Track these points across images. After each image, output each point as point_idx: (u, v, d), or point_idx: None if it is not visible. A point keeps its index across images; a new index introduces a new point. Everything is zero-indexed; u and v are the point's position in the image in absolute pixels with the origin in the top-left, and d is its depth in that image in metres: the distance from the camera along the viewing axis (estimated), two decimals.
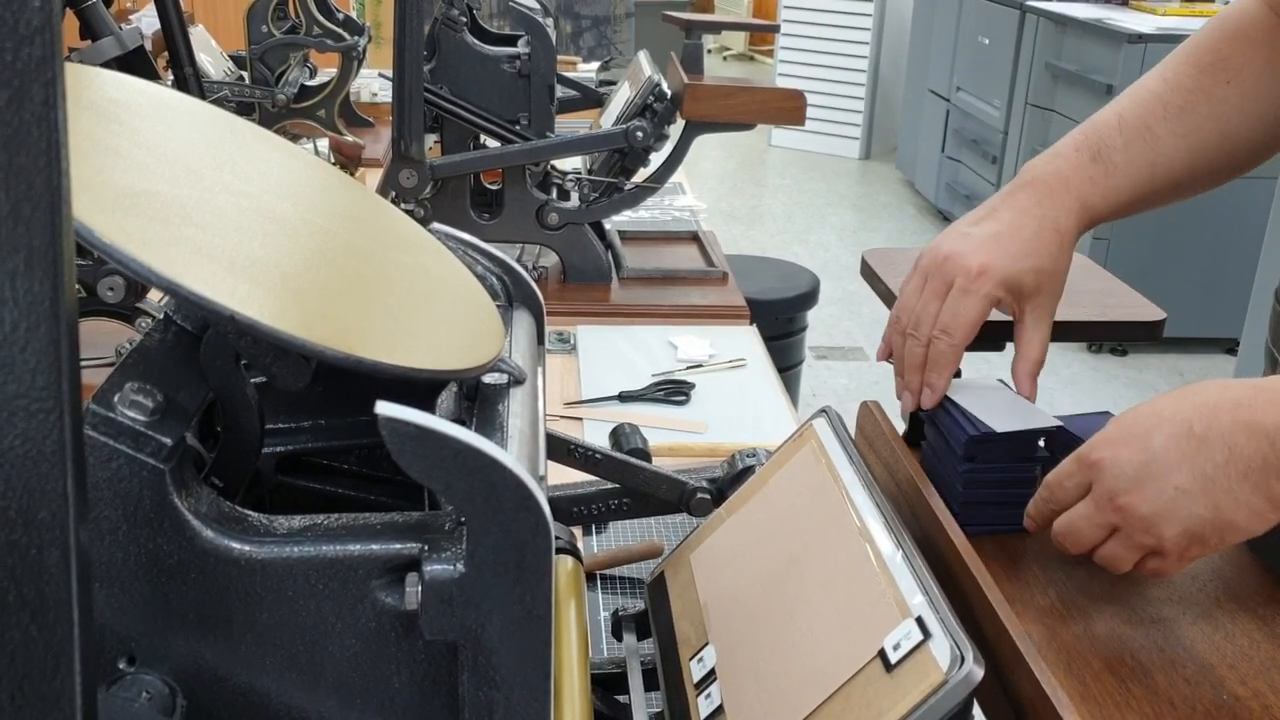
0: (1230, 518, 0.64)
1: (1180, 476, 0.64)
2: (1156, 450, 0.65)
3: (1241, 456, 0.63)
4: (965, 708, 0.53)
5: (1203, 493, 0.64)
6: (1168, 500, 0.65)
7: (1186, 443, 0.64)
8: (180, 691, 0.50)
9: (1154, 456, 0.65)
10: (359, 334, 0.50)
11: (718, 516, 0.77)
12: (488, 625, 0.49)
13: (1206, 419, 0.65)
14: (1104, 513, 0.67)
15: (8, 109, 0.31)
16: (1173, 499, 0.64)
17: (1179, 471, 0.64)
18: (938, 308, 0.81)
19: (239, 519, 0.50)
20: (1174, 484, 0.64)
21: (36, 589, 0.35)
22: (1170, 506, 0.65)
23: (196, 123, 0.63)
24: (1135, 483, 0.66)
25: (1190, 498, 0.64)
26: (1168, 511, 0.65)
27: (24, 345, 0.33)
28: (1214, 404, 0.65)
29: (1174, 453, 0.65)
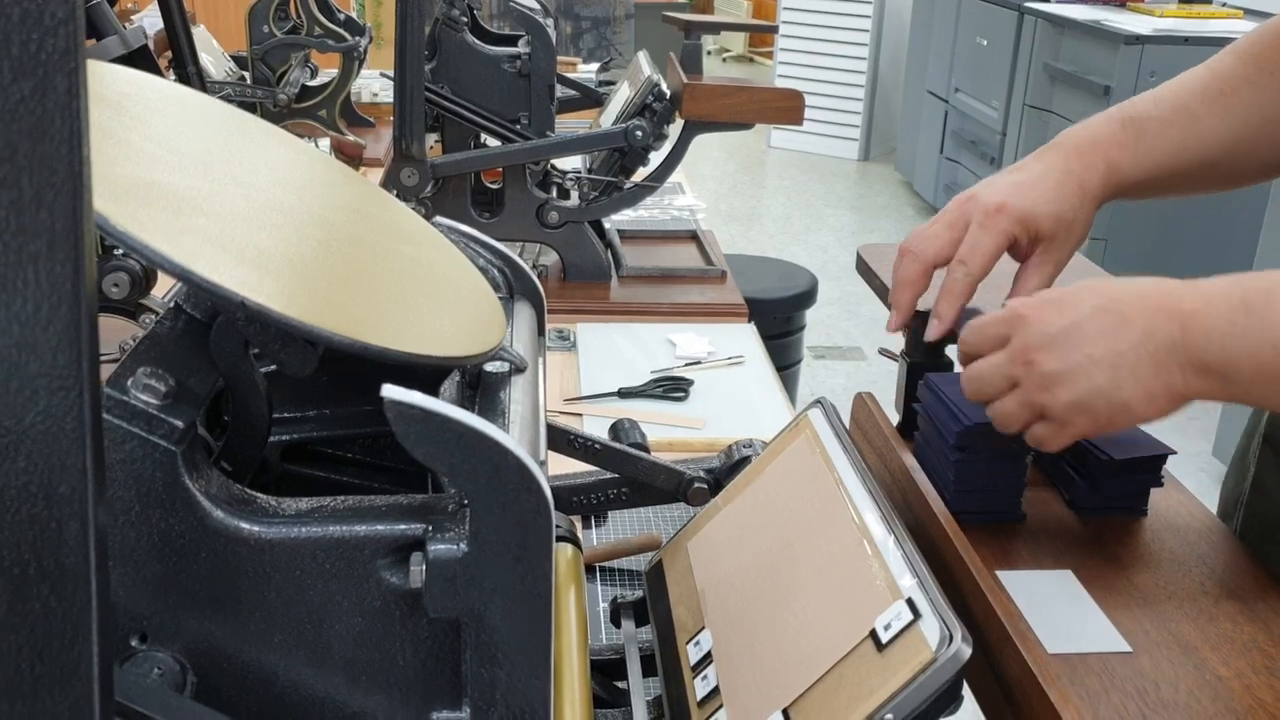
0: (1126, 398, 0.66)
1: (1095, 347, 0.67)
2: (1082, 318, 0.68)
3: (1153, 340, 0.66)
4: (954, 686, 0.54)
5: (1110, 367, 0.66)
6: (1075, 365, 0.67)
7: (1110, 318, 0.67)
8: (191, 668, 0.52)
9: (1078, 323, 0.68)
10: (365, 321, 0.51)
11: (714, 506, 0.78)
12: (490, 604, 0.50)
13: (1135, 301, 0.68)
14: (1013, 364, 0.70)
15: (31, 98, 0.32)
16: (1080, 365, 0.67)
17: (1095, 342, 0.67)
18: (949, 236, 0.82)
19: (248, 500, 0.51)
20: (1086, 352, 0.67)
21: (56, 561, 0.37)
22: (1075, 371, 0.67)
23: (205, 117, 0.64)
24: (1051, 341, 0.68)
25: (1097, 368, 0.67)
26: (1070, 375, 0.67)
27: (46, 325, 0.34)
28: (1147, 292, 0.68)
29: (1096, 324, 0.67)
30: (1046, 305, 0.70)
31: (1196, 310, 0.66)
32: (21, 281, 0.34)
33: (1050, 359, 0.68)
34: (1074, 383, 0.67)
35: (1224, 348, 0.65)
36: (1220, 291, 0.67)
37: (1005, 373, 0.70)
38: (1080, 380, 0.67)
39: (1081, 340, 0.67)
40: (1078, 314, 0.68)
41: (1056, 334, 0.68)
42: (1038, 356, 0.68)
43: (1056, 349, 0.68)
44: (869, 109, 6.56)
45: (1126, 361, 0.66)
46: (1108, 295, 0.69)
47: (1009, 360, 0.70)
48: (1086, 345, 0.67)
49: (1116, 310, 0.67)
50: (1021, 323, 0.70)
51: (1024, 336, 0.69)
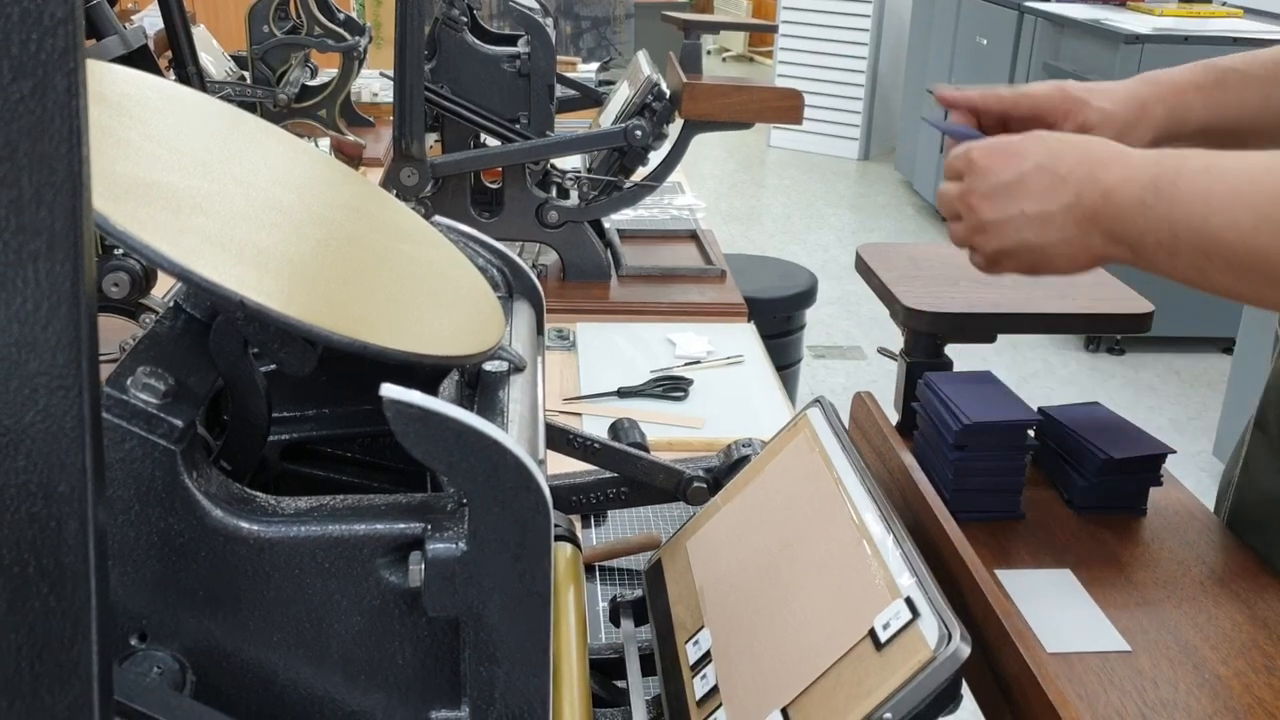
0: (1051, 253, 0.75)
1: (1030, 203, 0.74)
2: (1024, 174, 0.75)
3: (1080, 205, 0.73)
4: (953, 685, 0.55)
5: (1040, 223, 0.74)
6: (1008, 218, 0.75)
7: (1049, 178, 0.74)
8: (190, 667, 0.52)
9: (1019, 179, 0.75)
10: (364, 320, 0.51)
11: (714, 505, 0.79)
12: (489, 602, 0.50)
13: (1073, 165, 0.74)
14: (960, 201, 0.79)
15: (31, 98, 0.32)
16: (1013, 219, 0.75)
17: (1031, 199, 0.74)
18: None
19: (247, 499, 0.51)
20: (1021, 207, 0.75)
21: (55, 560, 0.37)
22: (1007, 223, 0.75)
23: (204, 117, 0.64)
24: (993, 191, 0.76)
25: (1028, 224, 0.75)
26: (1002, 227, 0.76)
27: (45, 324, 0.34)
28: (1086, 154, 0.74)
29: (1036, 183, 0.74)
30: (996, 153, 0.77)
31: (1116, 186, 0.72)
32: (21, 280, 0.34)
33: (988, 208, 0.76)
34: (1004, 234, 0.75)
35: (1133, 223, 0.71)
36: (1140, 168, 0.72)
37: (956, 205, 0.79)
38: (1010, 232, 0.75)
39: (1020, 195, 0.74)
40: (1021, 168, 0.75)
41: (998, 186, 0.75)
42: (978, 204, 0.76)
43: (995, 200, 0.75)
44: (869, 108, 6.55)
45: (1055, 221, 0.73)
46: (1051, 152, 0.75)
47: (958, 196, 0.79)
48: (1023, 200, 0.74)
49: (1055, 170, 0.74)
50: (971, 167, 0.78)
51: (970, 181, 0.77)
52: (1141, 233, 0.71)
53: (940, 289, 0.88)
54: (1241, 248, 0.67)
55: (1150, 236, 0.70)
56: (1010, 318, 0.85)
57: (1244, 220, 0.66)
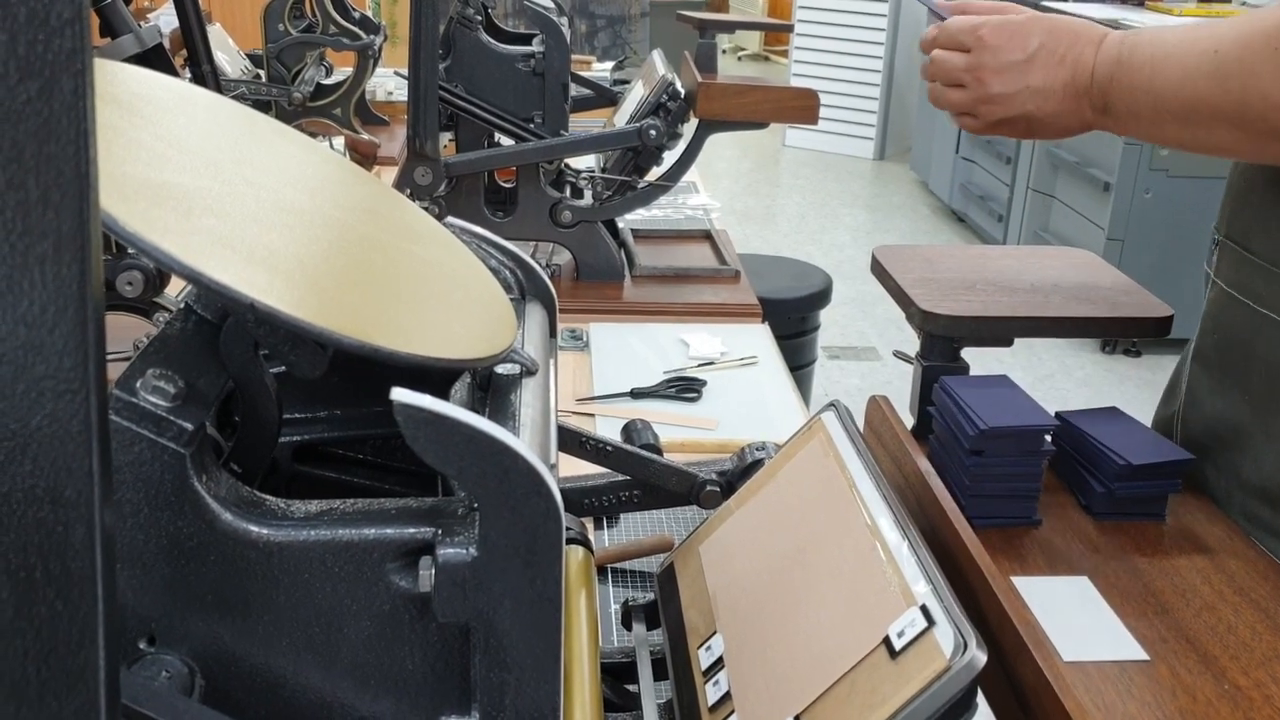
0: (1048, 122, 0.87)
1: (1034, 78, 0.86)
2: (1031, 53, 0.86)
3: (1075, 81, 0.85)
4: (969, 695, 0.54)
5: (1042, 97, 0.86)
6: (1015, 91, 0.87)
7: (1050, 57, 0.86)
8: (199, 671, 0.51)
9: (1028, 58, 0.86)
10: (375, 323, 0.51)
11: (727, 508, 0.78)
12: (499, 608, 0.50)
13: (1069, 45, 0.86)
14: (967, 72, 0.89)
15: (38, 99, 0.32)
16: (1019, 92, 0.87)
17: (1035, 74, 0.86)
18: None
19: (257, 503, 0.51)
20: (1027, 82, 0.87)
21: (62, 565, 0.36)
22: (1013, 96, 0.87)
23: (216, 117, 0.64)
24: (1003, 67, 0.87)
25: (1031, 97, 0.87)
26: (1009, 99, 0.87)
27: (52, 328, 0.34)
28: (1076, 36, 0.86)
29: (1039, 61, 0.86)
30: (1005, 32, 0.87)
31: (1099, 64, 0.84)
32: (28, 283, 0.33)
33: (997, 83, 0.87)
34: (1009, 104, 0.87)
35: (1109, 93, 0.84)
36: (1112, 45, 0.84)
37: (958, 77, 0.90)
38: (1015, 104, 0.87)
39: (1027, 72, 0.86)
40: (1028, 47, 0.86)
41: (1009, 63, 0.86)
42: (988, 77, 0.87)
43: (1005, 75, 0.87)
44: (884, 108, 6.54)
45: (1056, 95, 0.86)
46: (1051, 33, 0.86)
47: (965, 69, 0.89)
48: (1029, 76, 0.86)
49: (1056, 49, 0.86)
50: (980, 44, 0.88)
51: (980, 56, 0.88)
52: (1114, 100, 0.83)
53: (957, 292, 0.88)
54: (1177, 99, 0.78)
55: (1120, 103, 0.83)
56: (1028, 321, 0.84)
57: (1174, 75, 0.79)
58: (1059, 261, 1.02)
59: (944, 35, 0.92)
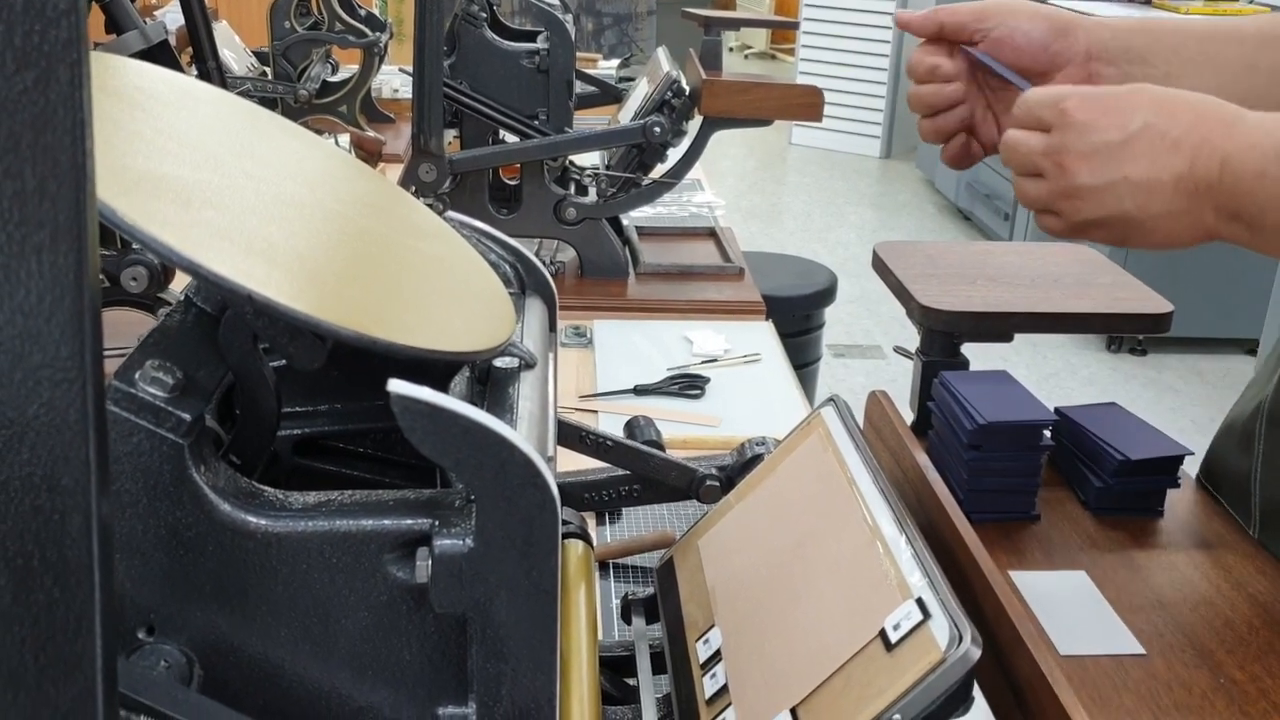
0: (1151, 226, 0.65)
1: (1136, 168, 0.64)
2: (1131, 135, 0.65)
3: (1194, 175, 0.63)
4: (965, 687, 0.54)
5: (1146, 193, 0.64)
6: (1109, 183, 0.65)
7: (1160, 141, 0.64)
8: (197, 661, 0.52)
9: (1126, 140, 0.65)
10: (373, 315, 0.51)
11: (726, 503, 0.78)
12: (496, 599, 0.50)
13: (1188, 126, 0.64)
14: (1047, 158, 0.67)
15: (34, 89, 0.32)
16: (1114, 185, 0.65)
17: (1138, 163, 0.64)
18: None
19: (255, 494, 0.51)
20: (1125, 172, 0.65)
21: (60, 553, 0.37)
22: (1106, 190, 0.65)
23: (218, 111, 0.65)
24: (1093, 152, 0.65)
25: (1131, 192, 0.64)
26: (1101, 194, 0.65)
27: (49, 317, 0.34)
28: (1201, 115, 0.65)
29: (1143, 145, 0.64)
30: (1097, 106, 0.66)
31: (1235, 153, 0.63)
32: (25, 273, 0.34)
33: (1085, 171, 0.65)
34: (1102, 202, 0.65)
35: (1253, 197, 0.63)
36: (1262, 133, 0.64)
37: (1036, 163, 0.68)
38: (1109, 201, 0.65)
39: (1125, 159, 0.64)
40: (1127, 127, 0.65)
41: (1101, 146, 0.65)
42: (1073, 164, 0.66)
43: (1093, 162, 0.65)
44: (891, 106, 6.53)
45: (1164, 192, 0.64)
46: (1162, 109, 0.65)
47: (1043, 152, 0.67)
48: (1128, 164, 0.64)
49: (1167, 131, 0.64)
50: (1065, 120, 0.66)
51: (1064, 136, 0.66)
52: (1263, 208, 0.63)
53: (957, 288, 0.88)
54: None
55: (1274, 214, 0.62)
56: (1027, 317, 0.84)
57: None
58: (1061, 258, 1.02)
59: (1021, 109, 0.71)
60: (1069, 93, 0.68)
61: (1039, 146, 0.68)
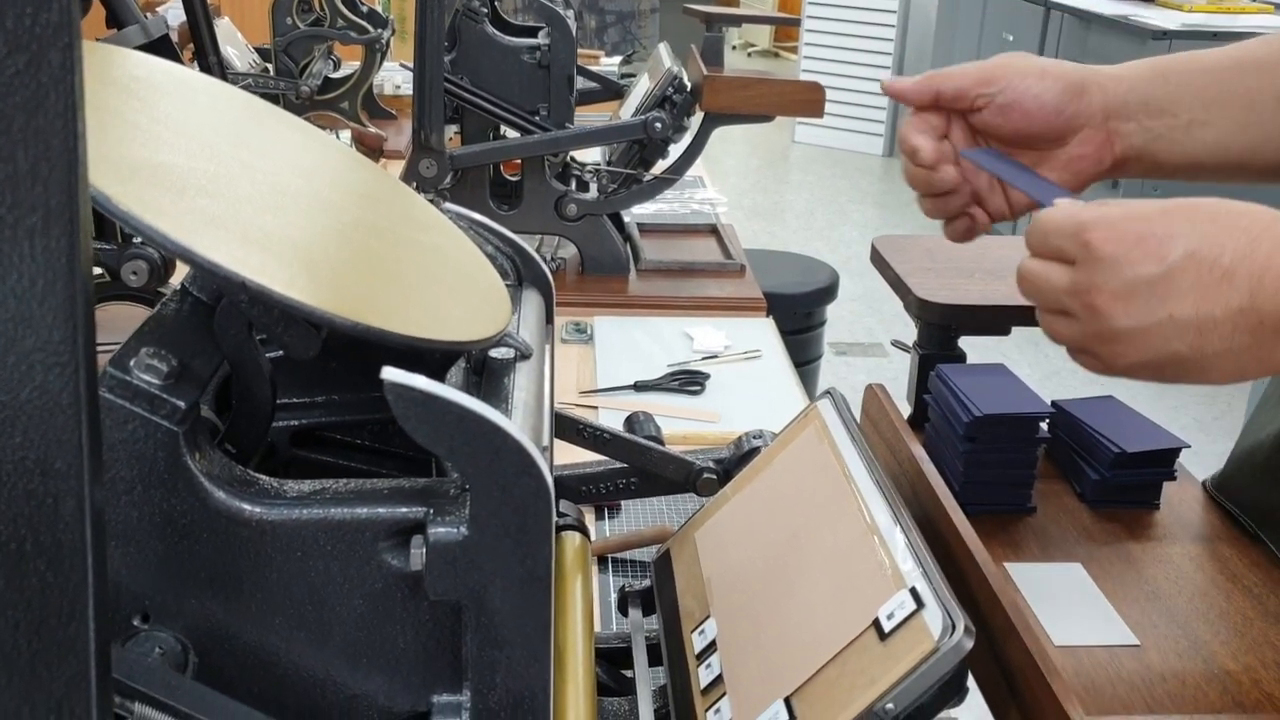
0: (1207, 366, 0.55)
1: (1183, 305, 0.54)
2: (1171, 267, 0.54)
3: (1260, 309, 0.53)
4: (958, 677, 0.54)
5: (1197, 332, 0.54)
6: (1152, 325, 0.55)
7: (1209, 273, 0.53)
8: (192, 648, 0.52)
9: (1167, 274, 0.54)
10: (368, 304, 0.51)
11: (723, 495, 0.78)
12: (490, 587, 0.50)
13: (1243, 251, 0.54)
14: (1074, 297, 0.57)
15: (25, 72, 0.32)
16: (1158, 325, 0.55)
17: (1184, 300, 0.54)
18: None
19: (250, 482, 0.51)
20: (1170, 310, 0.54)
21: (53, 536, 0.37)
22: (1150, 332, 0.55)
23: (215, 101, 0.65)
24: (1128, 291, 0.55)
25: (1180, 332, 0.54)
26: (1144, 337, 0.55)
27: (42, 300, 0.34)
28: (1256, 236, 0.54)
29: (1189, 277, 0.54)
30: (1128, 236, 0.55)
31: None
32: (17, 256, 0.34)
33: (1122, 313, 0.55)
34: (1146, 345, 0.55)
35: None
36: None
37: (1063, 302, 0.58)
38: (1155, 343, 0.55)
39: (1168, 295, 0.54)
40: (1166, 259, 0.54)
41: (1134, 282, 0.54)
42: (1107, 305, 0.55)
43: (1131, 303, 0.54)
44: (894, 104, 6.53)
45: (1220, 330, 0.53)
46: (1205, 236, 0.54)
47: (1070, 292, 0.57)
48: (1172, 302, 0.54)
49: (1216, 260, 0.53)
50: (1090, 254, 0.56)
51: (1092, 274, 0.56)
52: None
53: (954, 281, 0.88)
54: None
55: None
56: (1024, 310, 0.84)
57: None
58: None
59: (1035, 238, 0.60)
60: (1091, 220, 0.57)
61: (1063, 284, 0.58)
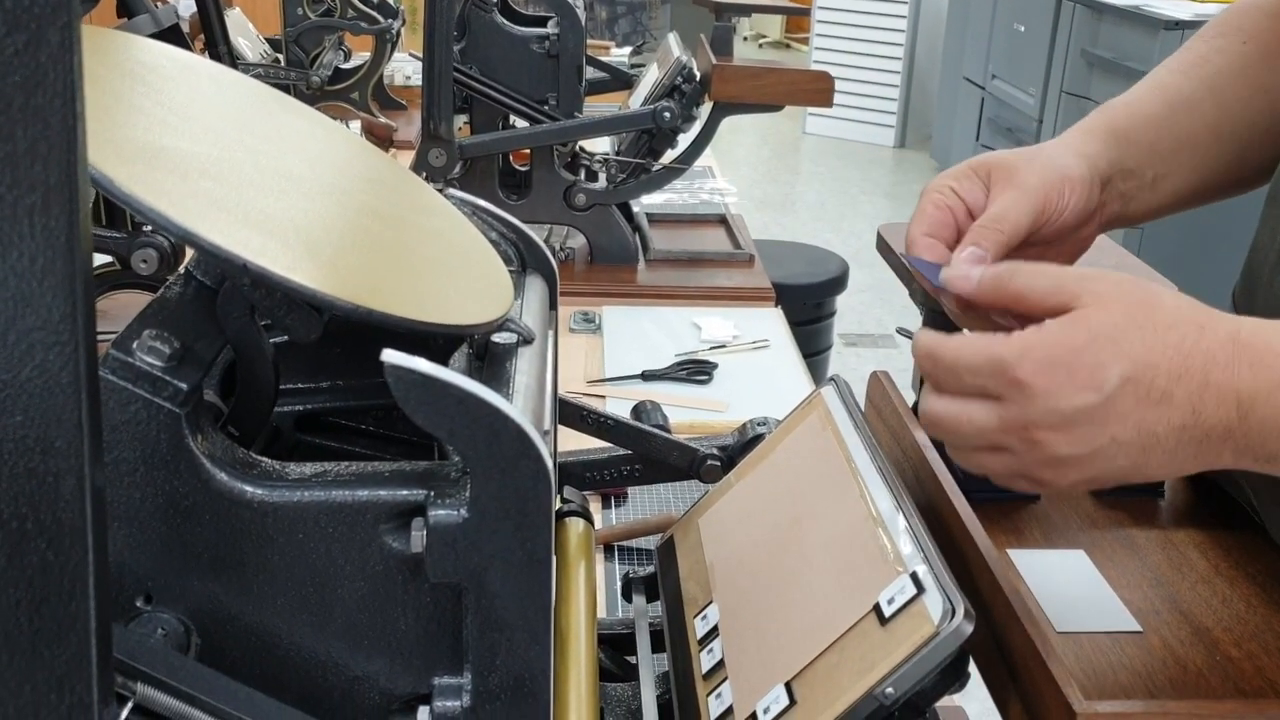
0: (1150, 473, 0.55)
1: (1123, 428, 0.54)
2: (1109, 394, 0.53)
3: (1204, 424, 0.54)
4: (959, 662, 0.54)
5: (1140, 449, 0.54)
6: (1096, 449, 0.54)
7: (1146, 395, 0.53)
8: (195, 630, 0.52)
9: (1104, 402, 0.53)
10: (370, 288, 0.51)
11: (726, 482, 0.78)
12: (490, 569, 0.51)
13: (1177, 372, 0.53)
14: (1008, 435, 0.55)
15: (25, 51, 0.32)
16: (1102, 449, 0.54)
17: (1125, 423, 0.54)
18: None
19: (252, 464, 0.51)
20: (1111, 434, 0.54)
21: (53, 515, 0.37)
22: (1093, 455, 0.54)
23: (220, 87, 0.65)
24: (1066, 422, 0.54)
25: (1123, 451, 0.54)
26: (1088, 460, 0.55)
27: (41, 279, 0.34)
28: (1188, 353, 0.54)
29: (1128, 402, 0.53)
30: (1058, 370, 0.54)
31: (1257, 394, 0.53)
32: (17, 235, 0.34)
33: (1063, 442, 0.54)
34: (1090, 465, 0.55)
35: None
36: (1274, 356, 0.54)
37: (992, 440, 0.57)
38: (1099, 462, 0.55)
39: (1107, 420, 0.53)
40: (1102, 388, 0.53)
41: (1073, 414, 0.54)
42: (1046, 437, 0.54)
43: (1073, 431, 0.54)
44: (905, 95, 6.51)
45: (1162, 445, 0.54)
46: (1138, 360, 0.53)
47: (1002, 430, 0.56)
48: (1113, 425, 0.53)
49: (1152, 383, 0.53)
50: (1022, 392, 0.54)
51: (1025, 410, 0.54)
52: None
53: None
54: None
55: None
56: None
57: None
58: None
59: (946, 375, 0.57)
60: (1013, 356, 0.54)
61: (992, 423, 0.56)
